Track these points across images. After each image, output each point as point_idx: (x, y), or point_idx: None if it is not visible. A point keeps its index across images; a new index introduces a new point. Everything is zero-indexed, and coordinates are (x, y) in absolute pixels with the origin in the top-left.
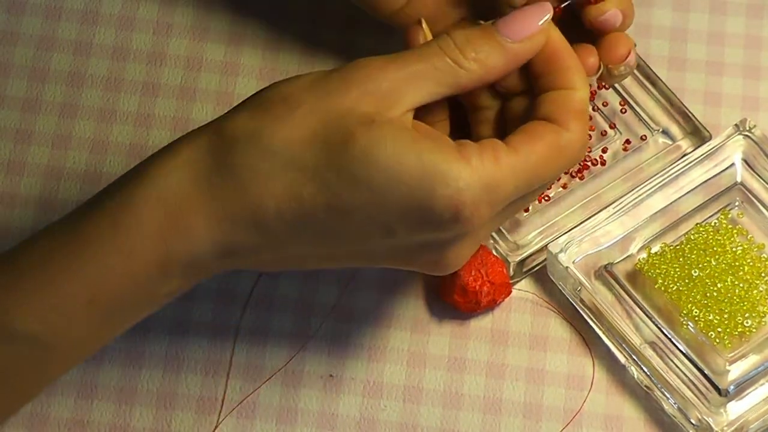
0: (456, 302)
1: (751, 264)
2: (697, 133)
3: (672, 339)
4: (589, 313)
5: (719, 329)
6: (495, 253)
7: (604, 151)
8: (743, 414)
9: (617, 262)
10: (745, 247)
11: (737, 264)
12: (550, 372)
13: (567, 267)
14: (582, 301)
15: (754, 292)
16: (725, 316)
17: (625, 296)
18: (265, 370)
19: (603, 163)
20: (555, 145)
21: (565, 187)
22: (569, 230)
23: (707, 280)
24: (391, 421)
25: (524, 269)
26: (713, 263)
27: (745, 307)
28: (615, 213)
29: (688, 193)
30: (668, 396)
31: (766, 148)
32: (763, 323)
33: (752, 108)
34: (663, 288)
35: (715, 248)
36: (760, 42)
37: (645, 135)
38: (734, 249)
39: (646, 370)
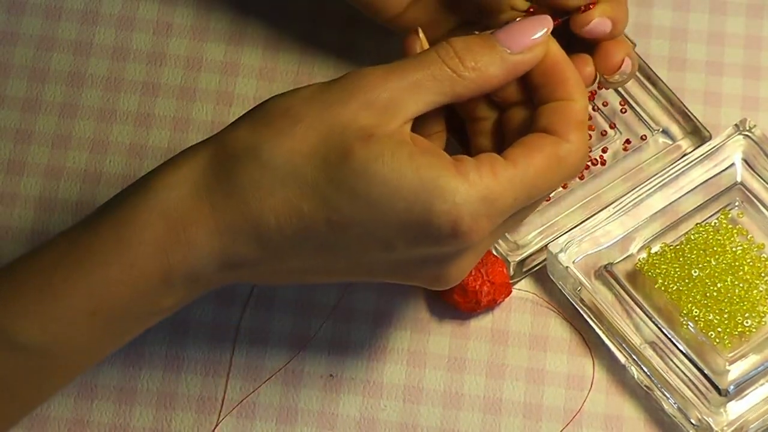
0: (456, 302)
1: (751, 264)
2: (697, 133)
3: (672, 339)
4: (589, 313)
5: (719, 329)
6: (495, 253)
7: (604, 151)
8: (743, 414)
9: (617, 262)
10: (745, 247)
11: (737, 264)
12: (550, 372)
13: (567, 267)
14: (582, 301)
15: (754, 292)
16: (725, 316)
17: (625, 296)
18: (265, 370)
19: (603, 163)
20: (554, 157)
21: (565, 187)
22: (569, 230)
23: (707, 280)
24: (391, 421)
25: (524, 269)
26: (713, 263)
27: (745, 307)
28: (615, 213)
29: (688, 193)
30: (668, 396)
31: (766, 148)
32: (763, 323)
33: (752, 108)
34: (663, 288)
35: (715, 248)
36: (760, 42)
37: (645, 135)
38: (734, 249)
39: (646, 370)
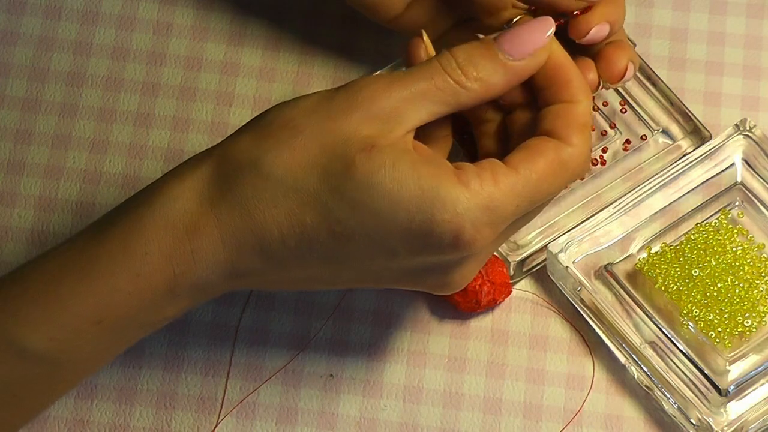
0: (456, 302)
1: (751, 264)
2: (697, 133)
3: (672, 339)
4: (589, 313)
5: (719, 329)
6: (495, 252)
7: (604, 151)
8: (743, 414)
9: (617, 262)
10: (745, 247)
11: (737, 264)
12: (550, 372)
13: (567, 267)
14: (582, 301)
15: (754, 292)
16: (725, 316)
17: (625, 296)
18: (265, 370)
19: (603, 163)
20: (556, 161)
21: (565, 186)
22: (569, 230)
23: (707, 280)
24: (391, 421)
25: (524, 269)
26: (713, 263)
27: (745, 307)
28: (615, 213)
29: (688, 193)
30: (668, 396)
31: (766, 148)
32: (763, 323)
33: (752, 108)
34: (663, 288)
35: (715, 248)
36: (760, 42)
37: (645, 135)
38: (734, 249)
39: (646, 370)
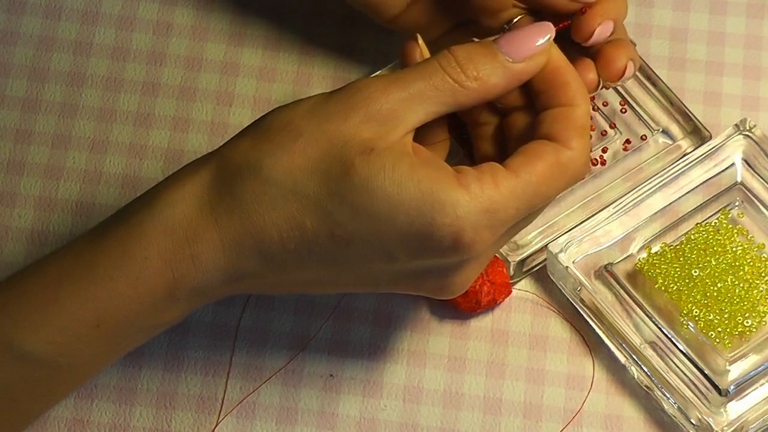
0: (456, 302)
1: (751, 264)
2: (697, 133)
3: (672, 339)
4: (589, 313)
5: (719, 329)
6: (495, 253)
7: (604, 151)
8: (743, 414)
9: (617, 262)
10: (745, 247)
11: (737, 264)
12: (550, 372)
13: (567, 267)
14: (582, 301)
15: (754, 292)
16: (725, 316)
17: (625, 296)
18: (265, 370)
19: (603, 163)
20: (556, 165)
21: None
22: (569, 230)
23: (707, 280)
24: (391, 421)
25: (524, 269)
26: (713, 263)
27: (745, 307)
28: (615, 213)
29: (688, 193)
30: (668, 396)
31: (766, 148)
32: (763, 323)
33: (752, 108)
34: (663, 288)
35: (715, 248)
36: (760, 42)
37: (645, 135)
38: (734, 249)
39: (646, 370)
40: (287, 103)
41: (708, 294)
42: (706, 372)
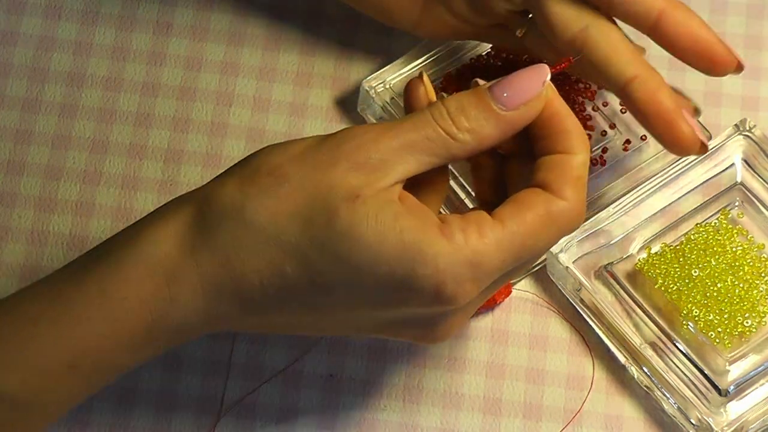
0: None
1: (751, 264)
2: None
3: (672, 339)
4: (589, 313)
5: (719, 329)
6: None
7: (604, 151)
8: (743, 414)
9: (617, 262)
10: (745, 247)
11: (737, 264)
12: (550, 372)
13: (567, 267)
14: (582, 301)
15: (754, 292)
16: (725, 316)
17: (625, 296)
18: (265, 370)
19: (603, 163)
20: (545, 216)
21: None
22: None
23: (707, 280)
24: (391, 421)
25: None
26: (713, 263)
27: (745, 307)
28: (615, 213)
29: (688, 193)
30: (668, 396)
31: (766, 148)
32: (763, 323)
33: (752, 108)
34: (663, 288)
35: (715, 248)
36: (760, 42)
37: (645, 135)
38: (734, 249)
39: (646, 370)
40: (277, 144)
41: (708, 294)
42: (706, 372)
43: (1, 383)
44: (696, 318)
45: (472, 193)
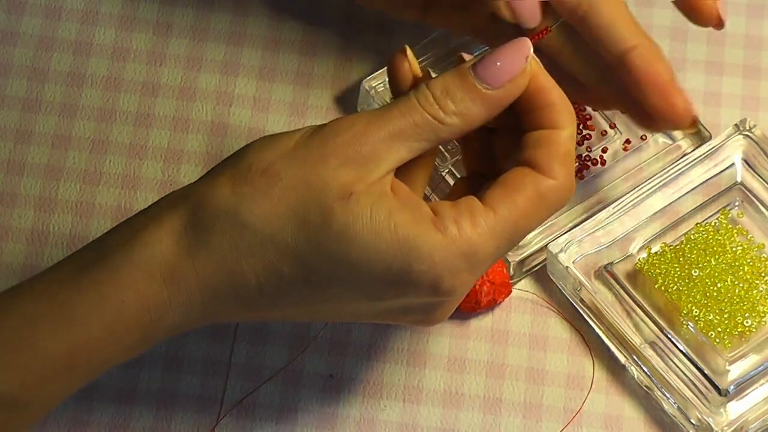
0: None
1: (751, 264)
2: (697, 133)
3: (672, 339)
4: (589, 313)
5: (719, 329)
6: None
7: (604, 151)
8: (743, 414)
9: (617, 262)
10: (745, 247)
11: (737, 264)
12: (550, 372)
13: (567, 267)
14: (582, 301)
15: (754, 292)
16: (725, 316)
17: (625, 296)
18: (265, 370)
19: (603, 163)
20: (536, 197)
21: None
22: (569, 230)
23: (707, 280)
24: (391, 421)
25: (524, 269)
26: (713, 263)
27: (745, 307)
28: (615, 213)
29: (688, 193)
30: (668, 396)
31: (766, 148)
32: (763, 323)
33: (752, 108)
34: (663, 288)
35: (715, 248)
36: (760, 42)
37: (645, 135)
38: (734, 249)
39: (646, 370)
40: (267, 138)
41: (708, 294)
42: (706, 372)
43: (0, 386)
44: (696, 318)
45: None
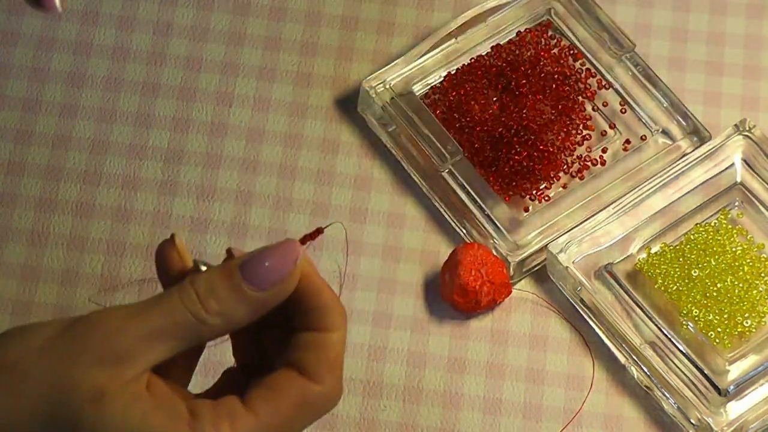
0: (456, 302)
1: (750, 264)
2: (697, 133)
3: (672, 339)
4: (589, 313)
5: (719, 329)
6: (495, 253)
7: (604, 151)
8: (743, 414)
9: (617, 262)
10: (745, 247)
11: (737, 264)
12: (550, 372)
13: (567, 267)
14: (582, 301)
15: (754, 292)
16: (725, 316)
17: (625, 296)
18: None
19: (603, 163)
20: (301, 403)
21: (565, 187)
22: (569, 230)
23: (707, 280)
24: (391, 421)
25: (524, 269)
26: (713, 263)
27: (744, 307)
28: (615, 213)
29: (688, 193)
30: (668, 396)
31: (766, 148)
32: (763, 323)
33: (752, 108)
34: (663, 288)
35: (714, 248)
36: (760, 42)
37: (645, 135)
38: (734, 249)
39: (646, 370)
40: (20, 331)
41: (708, 294)
42: (705, 372)
43: None
44: (696, 318)
45: (478, 200)
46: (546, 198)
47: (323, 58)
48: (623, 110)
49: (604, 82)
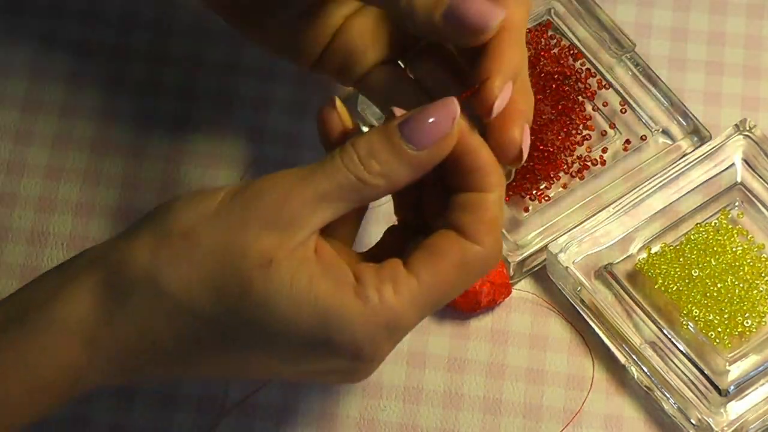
0: (456, 302)
1: (751, 264)
2: (697, 133)
3: (672, 339)
4: (589, 313)
5: (719, 329)
6: None
7: (604, 151)
8: (743, 414)
9: (617, 262)
10: (745, 247)
11: (737, 264)
12: (550, 372)
13: (567, 267)
14: (582, 301)
15: (754, 292)
16: (725, 316)
17: (625, 296)
18: None
19: (603, 163)
20: (461, 264)
21: (565, 187)
22: (569, 230)
23: (707, 280)
24: (391, 421)
25: (524, 269)
26: (713, 263)
27: (745, 307)
28: (615, 213)
29: (688, 193)
30: (668, 396)
31: (766, 148)
32: (763, 323)
33: (752, 108)
34: (663, 288)
35: (715, 248)
36: (760, 42)
37: (645, 135)
38: (734, 249)
39: (646, 370)
40: (191, 199)
41: (708, 294)
42: (706, 372)
43: None
44: (696, 318)
45: None
46: (546, 198)
47: None
48: (623, 110)
49: (604, 82)
